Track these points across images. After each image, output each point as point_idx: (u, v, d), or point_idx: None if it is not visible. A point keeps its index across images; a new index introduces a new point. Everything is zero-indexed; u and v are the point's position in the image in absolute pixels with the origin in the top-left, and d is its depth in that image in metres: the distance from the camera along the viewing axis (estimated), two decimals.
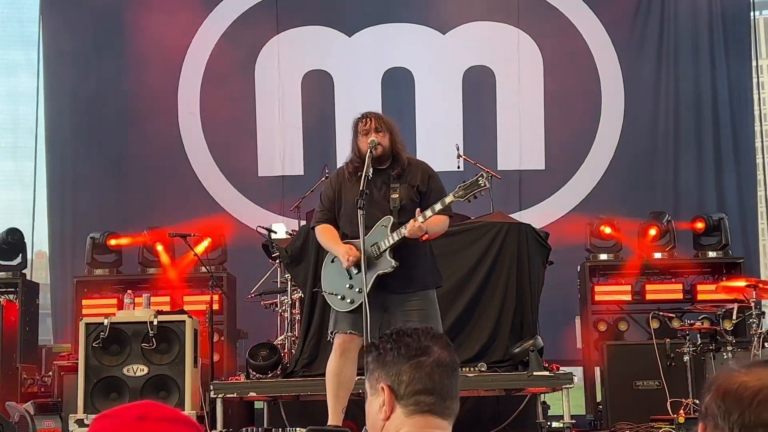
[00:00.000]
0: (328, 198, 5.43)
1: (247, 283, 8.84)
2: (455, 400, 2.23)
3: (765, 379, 1.65)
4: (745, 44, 10.73)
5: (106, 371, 7.12)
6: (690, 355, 7.20)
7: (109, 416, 1.49)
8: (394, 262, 5.13)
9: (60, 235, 10.63)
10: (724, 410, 1.65)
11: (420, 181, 5.32)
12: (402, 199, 5.23)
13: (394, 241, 5.13)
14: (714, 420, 1.67)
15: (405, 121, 10.28)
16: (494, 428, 7.48)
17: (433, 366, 2.21)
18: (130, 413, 1.47)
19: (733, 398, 1.65)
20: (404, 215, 5.19)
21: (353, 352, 5.29)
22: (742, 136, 10.52)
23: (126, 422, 1.46)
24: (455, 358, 2.26)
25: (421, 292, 5.25)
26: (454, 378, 2.23)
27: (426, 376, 2.21)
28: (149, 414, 1.47)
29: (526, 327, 7.29)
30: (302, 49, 10.75)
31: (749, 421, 1.62)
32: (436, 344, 2.25)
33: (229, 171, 10.52)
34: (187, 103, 10.63)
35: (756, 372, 1.68)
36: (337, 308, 5.31)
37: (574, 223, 9.79)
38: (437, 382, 2.21)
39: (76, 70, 10.76)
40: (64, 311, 9.97)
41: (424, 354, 2.22)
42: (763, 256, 11.58)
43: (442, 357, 2.23)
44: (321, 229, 5.42)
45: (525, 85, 10.57)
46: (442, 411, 2.21)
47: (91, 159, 10.61)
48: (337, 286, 5.31)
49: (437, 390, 2.21)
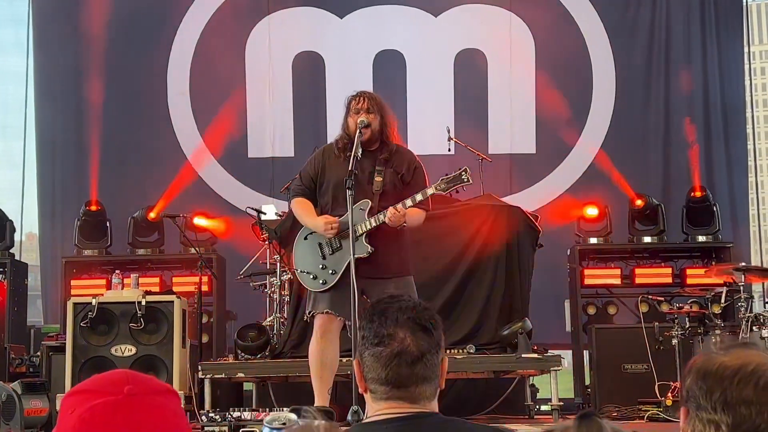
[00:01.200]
0: (309, 175, 5.38)
1: (236, 265, 8.82)
2: (421, 385, 2.18)
3: (743, 359, 1.68)
4: (737, 30, 10.73)
5: (94, 351, 7.12)
6: (678, 338, 7.23)
7: (91, 391, 1.43)
8: (369, 247, 5.10)
9: (50, 216, 10.57)
10: (706, 390, 1.66)
11: (406, 169, 5.29)
12: (386, 183, 5.20)
13: (371, 226, 5.11)
14: (696, 401, 1.68)
15: (396, 104, 10.22)
16: (483, 411, 7.49)
17: (390, 357, 2.18)
18: (116, 387, 1.41)
19: (714, 378, 1.66)
20: (384, 200, 5.16)
21: (334, 332, 5.27)
22: (733, 122, 10.52)
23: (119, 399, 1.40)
24: (425, 344, 2.20)
25: (398, 279, 5.20)
26: (417, 366, 2.18)
27: (381, 367, 2.19)
28: (138, 389, 1.42)
29: (515, 310, 7.30)
30: (293, 31, 10.69)
31: (731, 399, 1.63)
32: (403, 329, 2.19)
33: (219, 152, 10.47)
34: (177, 83, 10.57)
35: (734, 353, 1.70)
36: (309, 287, 5.28)
37: (564, 207, 9.80)
38: (394, 372, 2.17)
39: (65, 49, 10.70)
40: (54, 292, 9.94)
41: (382, 344, 2.19)
42: (754, 242, 11.58)
43: (404, 345, 2.18)
44: (297, 201, 5.39)
45: (516, 69, 10.54)
46: (403, 397, 2.19)
47: (81, 139, 10.55)
48: (309, 264, 5.27)
49: (392, 380, 2.18)
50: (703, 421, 1.66)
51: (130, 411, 1.40)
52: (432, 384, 2.21)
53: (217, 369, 7.09)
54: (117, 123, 10.51)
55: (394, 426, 2.16)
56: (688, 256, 9.35)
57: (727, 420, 1.63)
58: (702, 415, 1.67)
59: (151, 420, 1.40)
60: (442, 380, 2.25)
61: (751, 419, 1.62)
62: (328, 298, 5.18)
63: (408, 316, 2.21)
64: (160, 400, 1.43)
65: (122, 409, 1.39)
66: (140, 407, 1.40)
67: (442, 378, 2.25)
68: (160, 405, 1.43)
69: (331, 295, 5.17)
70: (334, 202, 5.19)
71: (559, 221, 9.52)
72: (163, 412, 1.43)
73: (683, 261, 9.30)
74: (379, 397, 2.20)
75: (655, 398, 7.31)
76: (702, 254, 9.29)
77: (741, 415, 1.62)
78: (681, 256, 9.35)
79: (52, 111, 10.71)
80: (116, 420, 1.38)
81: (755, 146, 11.26)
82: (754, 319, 6.94)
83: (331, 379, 5.33)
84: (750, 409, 1.62)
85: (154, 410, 1.42)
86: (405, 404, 2.19)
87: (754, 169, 11.50)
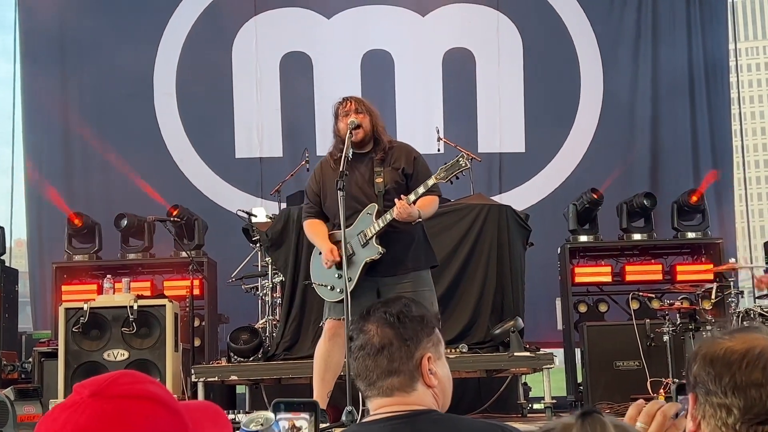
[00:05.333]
0: (313, 191, 5.41)
1: (227, 268, 8.81)
2: (388, 378, 2.21)
3: (749, 342, 1.68)
4: (722, 27, 10.77)
5: (87, 356, 7.10)
6: (670, 335, 7.24)
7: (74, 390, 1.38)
8: (380, 248, 5.11)
9: (37, 222, 10.53)
10: (714, 375, 1.67)
11: (405, 163, 5.29)
12: (386, 183, 5.20)
13: (380, 227, 5.12)
14: (705, 386, 1.69)
15: (385, 104, 10.25)
16: (476, 410, 7.50)
17: (357, 349, 2.24)
18: (84, 389, 1.34)
19: (722, 363, 1.67)
20: (389, 200, 5.16)
21: (342, 337, 5.27)
22: (718, 118, 10.56)
23: (76, 400, 1.33)
24: (388, 336, 2.22)
25: (412, 274, 5.21)
26: (379, 357, 2.21)
27: (353, 361, 2.26)
28: (105, 390, 1.34)
29: (507, 308, 7.31)
30: (281, 31, 10.69)
31: (741, 382, 1.65)
32: (373, 323, 2.24)
33: (206, 153, 10.45)
34: (163, 84, 10.55)
35: (739, 337, 1.71)
36: (327, 298, 5.31)
37: (554, 206, 9.82)
38: (360, 365, 2.23)
39: (52, 54, 10.66)
40: (44, 298, 9.91)
41: (354, 338, 2.26)
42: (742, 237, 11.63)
43: (368, 337, 2.23)
44: (308, 224, 5.43)
45: (505, 68, 10.56)
46: (378, 393, 2.22)
47: (69, 143, 10.52)
48: (325, 277, 5.30)
49: (361, 375, 2.24)
50: (714, 405, 1.67)
51: (78, 414, 1.32)
52: (402, 377, 2.21)
53: (210, 372, 7.08)
54: (104, 126, 10.48)
55: (390, 425, 2.17)
56: (678, 252, 9.38)
57: (738, 403, 1.64)
58: (712, 400, 1.67)
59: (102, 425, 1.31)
60: (426, 377, 2.23)
61: (762, 401, 1.63)
62: (342, 307, 5.19)
63: (383, 310, 2.26)
64: (125, 405, 1.33)
65: (71, 412, 1.33)
66: (94, 411, 1.32)
67: (424, 375, 2.23)
68: (121, 410, 1.33)
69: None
70: (339, 214, 5.20)
71: (549, 219, 9.54)
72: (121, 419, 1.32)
73: (673, 257, 9.33)
74: (365, 396, 2.25)
75: (648, 395, 7.32)
76: (692, 250, 9.32)
77: (752, 398, 1.64)
78: (671, 252, 9.38)
79: (40, 117, 10.67)
80: (60, 422, 1.32)
81: (743, 143, 11.31)
82: (744, 314, 6.96)
83: (333, 382, 5.33)
84: (760, 391, 1.63)
85: (110, 416, 1.32)
86: (385, 402, 2.21)
87: (742, 166, 11.53)
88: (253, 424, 1.74)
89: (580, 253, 9.24)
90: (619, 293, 9.07)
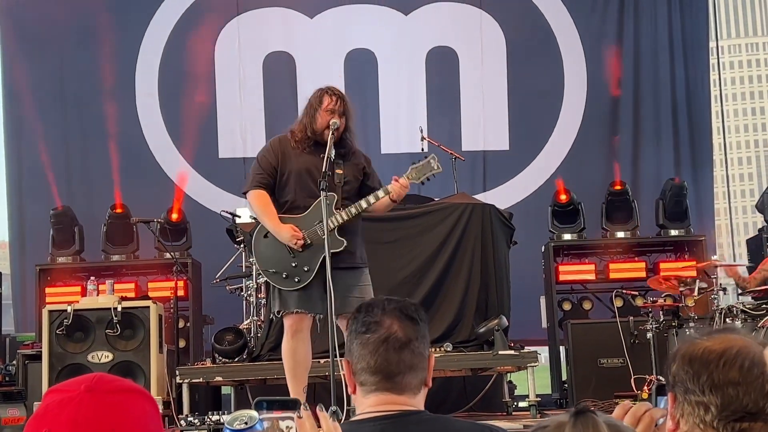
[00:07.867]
0: (270, 164, 5.27)
1: (211, 269, 8.78)
2: (407, 374, 2.20)
3: (726, 342, 1.72)
4: (701, 26, 10.82)
5: (71, 358, 7.08)
6: (653, 332, 7.27)
7: (57, 390, 1.45)
8: (344, 240, 5.11)
9: (19, 223, 10.48)
10: (692, 374, 1.71)
11: (365, 162, 5.35)
12: (346, 175, 5.20)
13: (344, 219, 5.10)
14: (684, 385, 1.72)
15: (368, 103, 10.26)
16: (461, 408, 7.51)
17: (378, 343, 2.20)
18: (78, 385, 1.42)
19: (700, 362, 1.71)
20: (348, 191, 5.18)
21: (304, 331, 5.24)
22: (697, 116, 10.61)
23: (74, 395, 1.40)
24: (411, 332, 2.22)
25: (361, 267, 5.24)
26: (404, 352, 2.20)
27: (369, 354, 2.21)
28: (98, 386, 1.42)
29: (491, 307, 7.33)
30: (263, 31, 10.67)
31: (718, 381, 1.68)
32: (390, 317, 2.22)
33: (189, 154, 10.42)
34: (145, 84, 10.51)
35: (717, 338, 1.75)
36: (281, 287, 5.18)
37: (538, 204, 9.84)
38: (382, 358, 2.19)
39: (34, 54, 10.60)
40: (28, 300, 9.85)
41: (369, 331, 2.22)
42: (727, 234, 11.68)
43: (392, 331, 2.20)
44: (258, 195, 5.23)
45: (488, 66, 10.58)
46: (392, 388, 2.20)
47: (51, 145, 10.46)
48: (278, 263, 5.18)
49: (381, 367, 2.19)
50: (692, 403, 1.71)
51: (83, 407, 1.39)
52: (418, 375, 2.22)
53: (195, 373, 7.06)
54: (87, 126, 10.44)
55: (382, 424, 2.16)
56: (661, 249, 9.42)
57: (715, 401, 1.68)
58: (690, 398, 1.71)
59: (107, 416, 1.39)
60: (430, 376, 2.26)
61: (739, 399, 1.67)
62: (296, 297, 5.14)
63: (394, 306, 2.25)
64: (120, 398, 1.42)
65: (74, 405, 1.39)
66: (96, 404, 1.39)
67: (429, 374, 2.26)
68: (119, 403, 1.41)
69: (299, 293, 5.15)
70: (296, 195, 5.17)
71: (533, 218, 9.56)
72: (122, 409, 1.41)
73: (656, 255, 9.37)
74: (368, 390, 2.21)
75: (632, 391, 7.35)
76: (675, 248, 9.36)
77: (729, 396, 1.67)
78: (654, 250, 9.42)
79: (22, 118, 10.61)
80: (66, 415, 1.38)
81: (725, 140, 11.36)
82: (727, 311, 7.00)
83: (305, 376, 5.31)
84: (737, 389, 1.67)
85: (112, 407, 1.40)
86: (392, 399, 2.20)
87: (725, 163, 11.59)
88: (237, 422, 1.74)
89: (564, 251, 9.27)
90: (603, 291, 9.10)
